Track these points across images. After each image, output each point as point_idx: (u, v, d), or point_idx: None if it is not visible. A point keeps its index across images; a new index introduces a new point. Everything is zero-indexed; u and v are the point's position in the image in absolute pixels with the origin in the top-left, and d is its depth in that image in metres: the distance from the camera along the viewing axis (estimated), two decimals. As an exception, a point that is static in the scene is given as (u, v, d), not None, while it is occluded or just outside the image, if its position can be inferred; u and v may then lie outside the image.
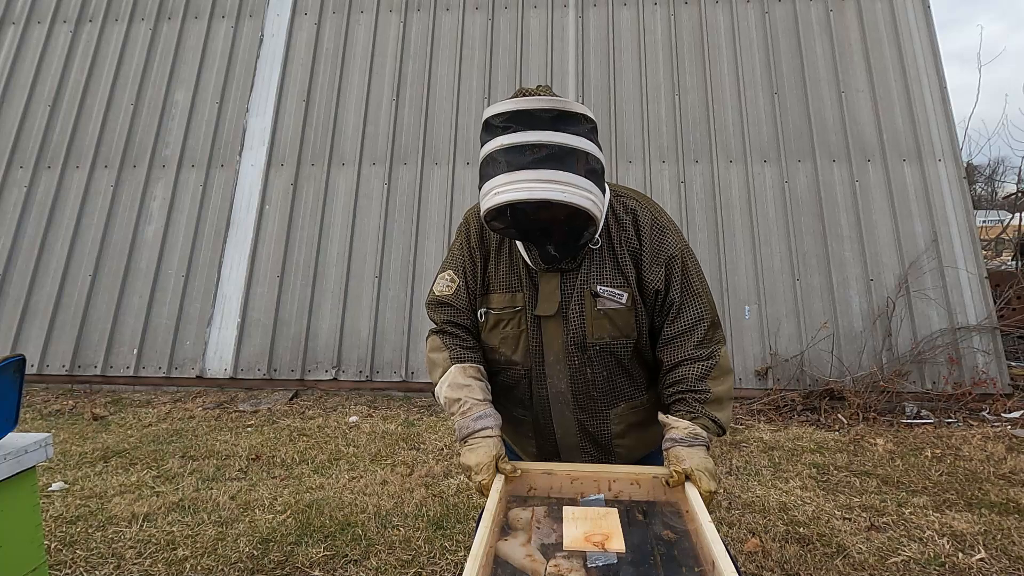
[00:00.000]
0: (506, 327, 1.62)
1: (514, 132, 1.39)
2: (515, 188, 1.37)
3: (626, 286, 1.57)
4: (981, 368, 5.17)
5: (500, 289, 1.63)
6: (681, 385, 1.55)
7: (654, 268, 1.57)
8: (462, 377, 1.60)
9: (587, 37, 6.52)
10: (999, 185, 20.63)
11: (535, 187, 1.36)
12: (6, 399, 1.68)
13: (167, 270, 6.06)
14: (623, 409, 1.67)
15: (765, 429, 4.62)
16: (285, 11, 6.82)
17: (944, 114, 5.87)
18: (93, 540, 2.99)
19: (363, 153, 6.31)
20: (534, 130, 1.39)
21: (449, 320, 1.67)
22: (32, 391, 5.63)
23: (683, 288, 1.58)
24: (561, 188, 1.37)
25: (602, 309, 1.56)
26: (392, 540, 2.97)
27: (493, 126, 1.43)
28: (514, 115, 1.40)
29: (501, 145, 1.40)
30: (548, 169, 1.37)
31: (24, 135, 6.57)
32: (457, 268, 1.67)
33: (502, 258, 1.64)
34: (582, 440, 1.69)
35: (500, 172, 1.39)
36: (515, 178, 1.37)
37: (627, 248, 1.58)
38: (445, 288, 1.68)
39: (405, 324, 5.75)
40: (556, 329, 1.59)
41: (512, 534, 1.33)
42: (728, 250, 5.74)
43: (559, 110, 1.40)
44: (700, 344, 1.57)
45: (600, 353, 1.59)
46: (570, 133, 1.41)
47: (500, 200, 1.38)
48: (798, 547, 2.91)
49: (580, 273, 1.57)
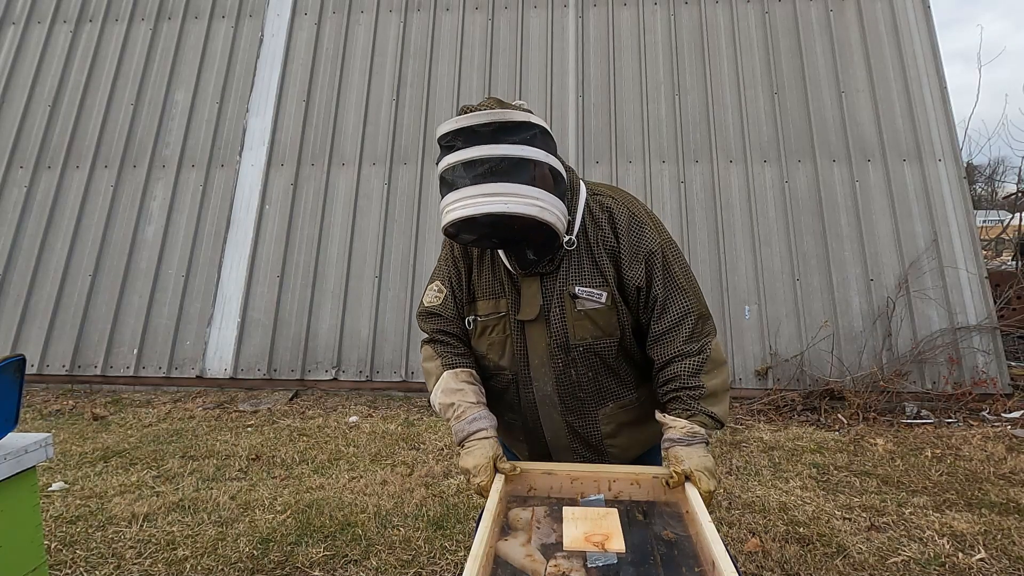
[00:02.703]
0: (492, 333, 1.65)
1: (457, 150, 1.42)
2: (462, 205, 1.40)
3: (604, 285, 1.57)
4: (981, 368, 5.17)
5: (485, 296, 1.65)
6: (675, 383, 1.54)
7: (634, 265, 1.57)
8: (454, 382, 1.62)
9: (587, 37, 6.52)
10: (999, 185, 20.63)
11: (479, 202, 1.39)
12: (6, 399, 1.68)
13: (167, 270, 6.06)
14: (612, 409, 1.67)
15: (765, 429, 4.62)
16: (285, 11, 6.82)
17: (944, 114, 5.87)
18: (93, 540, 2.99)
19: (363, 153, 6.31)
20: (475, 145, 1.41)
21: (439, 329, 1.71)
22: (32, 391, 5.63)
23: (666, 283, 1.57)
24: (504, 200, 1.39)
25: (582, 310, 1.57)
26: (392, 540, 2.97)
27: (441, 146, 1.47)
28: (456, 133, 1.43)
29: (447, 164, 1.44)
30: (490, 183, 1.40)
31: (24, 135, 6.57)
32: (444, 278, 1.71)
33: (484, 265, 1.66)
34: (572, 441, 1.69)
35: (449, 191, 1.43)
36: (461, 196, 1.41)
37: (604, 247, 1.58)
38: (433, 299, 1.72)
39: (405, 324, 5.75)
40: (540, 333, 1.60)
41: (512, 534, 1.33)
42: (728, 250, 5.74)
43: (498, 122, 1.42)
44: (689, 339, 1.56)
45: (584, 354, 1.59)
46: (511, 143, 1.42)
47: (450, 218, 1.42)
48: (798, 547, 2.91)
49: (559, 275, 1.58)
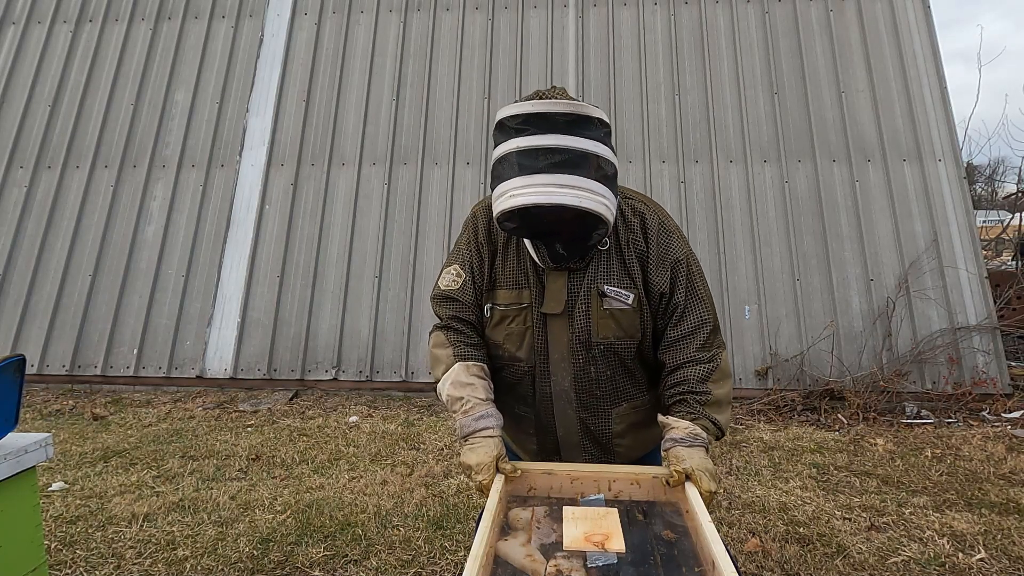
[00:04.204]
0: (511, 323, 1.63)
1: (529, 135, 1.40)
2: (530, 192, 1.37)
3: (632, 287, 1.58)
4: (981, 368, 5.17)
5: (507, 285, 1.63)
6: (683, 386, 1.56)
7: (660, 271, 1.58)
8: (465, 375, 1.60)
9: (587, 37, 6.52)
10: (999, 185, 20.63)
11: (550, 192, 1.37)
12: (6, 399, 1.68)
13: (167, 270, 6.06)
14: (625, 409, 1.68)
15: (765, 429, 4.62)
16: (285, 11, 6.82)
17: (944, 114, 5.87)
18: (93, 540, 2.99)
19: (363, 153, 6.31)
20: (550, 134, 1.39)
21: (455, 316, 1.67)
22: (32, 391, 5.63)
23: (687, 292, 1.60)
24: (575, 193, 1.38)
25: (608, 309, 1.57)
26: (392, 540, 2.97)
27: (508, 127, 1.43)
28: (529, 118, 1.40)
29: (516, 147, 1.40)
30: (563, 174, 1.38)
31: (24, 135, 6.56)
32: (464, 263, 1.67)
33: (510, 254, 1.63)
34: (583, 439, 1.69)
35: (515, 175, 1.40)
36: (530, 182, 1.38)
37: (634, 250, 1.59)
38: (451, 283, 1.67)
39: (405, 324, 5.75)
40: (562, 327, 1.60)
41: (512, 534, 1.33)
42: (728, 250, 5.74)
43: (575, 114, 1.41)
44: (702, 347, 1.58)
45: (604, 353, 1.60)
46: (585, 137, 1.41)
47: (515, 203, 1.38)
48: (798, 547, 2.91)
49: (587, 273, 1.58)
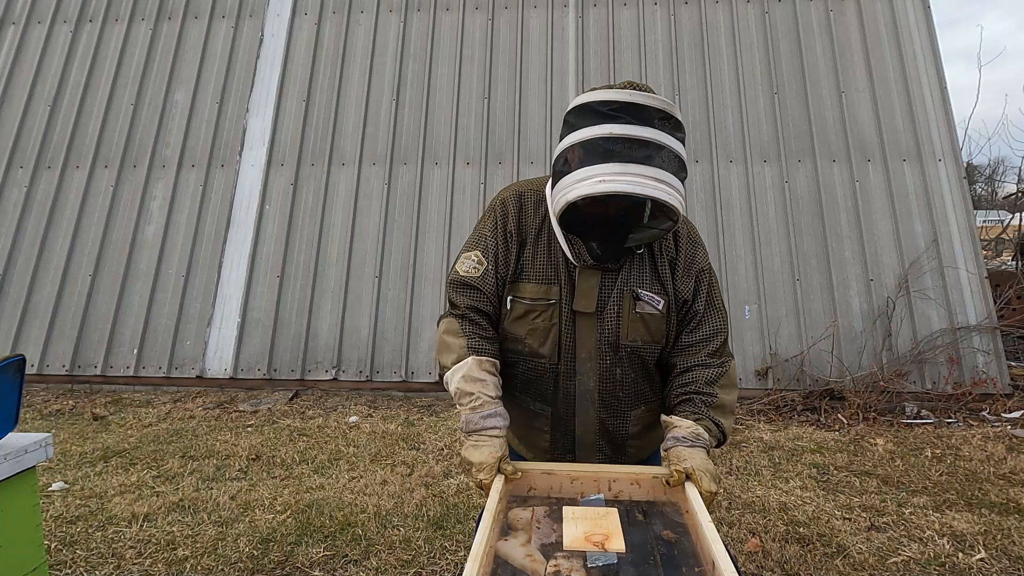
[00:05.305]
0: (536, 319, 1.59)
1: (627, 124, 1.37)
2: (628, 180, 1.35)
3: (663, 293, 1.59)
4: (981, 368, 5.17)
5: (535, 279, 1.59)
6: (690, 387, 1.57)
7: (686, 279, 1.61)
8: (478, 370, 1.56)
9: (587, 37, 6.52)
10: (999, 185, 20.61)
11: (650, 185, 1.36)
12: (6, 399, 1.68)
13: (167, 270, 6.06)
14: (642, 411, 1.69)
15: (765, 429, 4.62)
16: (285, 11, 6.82)
17: (944, 114, 5.87)
18: (93, 540, 2.99)
19: (363, 153, 6.31)
20: (648, 126, 1.38)
21: (472, 305, 1.61)
22: (32, 391, 5.63)
23: (708, 302, 1.63)
24: (667, 190, 1.38)
25: (640, 312, 1.57)
26: (392, 540, 2.97)
27: (598, 112, 1.40)
28: (627, 106, 1.38)
29: (610, 133, 1.37)
30: (661, 169, 1.38)
31: (24, 135, 6.56)
32: (487, 251, 1.61)
33: (540, 248, 1.60)
34: (600, 439, 1.69)
35: (607, 161, 1.37)
36: (628, 170, 1.36)
37: (667, 256, 1.61)
38: (472, 270, 1.61)
39: (405, 324, 5.75)
40: (590, 327, 1.59)
41: (512, 534, 1.32)
42: (728, 250, 5.74)
43: (668, 112, 1.41)
44: (713, 354, 1.61)
45: (631, 355, 1.60)
46: (676, 138, 1.42)
47: (611, 188, 1.35)
48: (798, 547, 2.91)
49: (620, 275, 1.58)
